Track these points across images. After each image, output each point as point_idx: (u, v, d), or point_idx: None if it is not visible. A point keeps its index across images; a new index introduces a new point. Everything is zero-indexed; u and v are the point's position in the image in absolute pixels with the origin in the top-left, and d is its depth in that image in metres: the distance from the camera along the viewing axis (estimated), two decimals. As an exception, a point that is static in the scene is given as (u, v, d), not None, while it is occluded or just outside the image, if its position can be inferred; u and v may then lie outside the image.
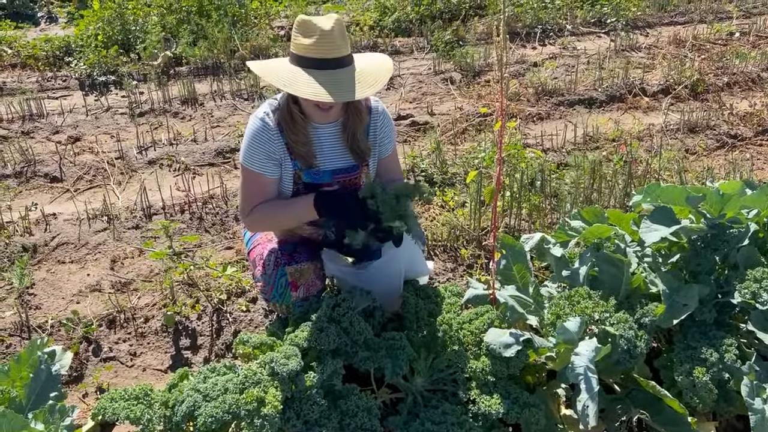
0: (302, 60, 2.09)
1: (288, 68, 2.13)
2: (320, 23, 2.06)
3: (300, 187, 2.31)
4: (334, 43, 2.06)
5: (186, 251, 3.29)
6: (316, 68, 2.07)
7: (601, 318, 2.13)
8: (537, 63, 5.65)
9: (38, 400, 2.05)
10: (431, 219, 3.50)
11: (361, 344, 2.11)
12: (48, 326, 2.83)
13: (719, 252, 2.28)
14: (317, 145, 2.30)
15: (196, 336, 2.79)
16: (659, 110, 4.87)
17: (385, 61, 2.27)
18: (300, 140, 2.24)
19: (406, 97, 5.13)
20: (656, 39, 6.28)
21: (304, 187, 2.31)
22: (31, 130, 4.64)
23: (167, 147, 4.40)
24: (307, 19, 2.08)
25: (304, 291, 2.35)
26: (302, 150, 2.26)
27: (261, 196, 2.28)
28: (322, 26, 2.05)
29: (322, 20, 2.07)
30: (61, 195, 3.92)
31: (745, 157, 4.17)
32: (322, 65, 2.07)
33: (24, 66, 5.82)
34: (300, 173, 2.29)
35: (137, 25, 6.02)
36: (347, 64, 2.11)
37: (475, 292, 2.41)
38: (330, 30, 2.04)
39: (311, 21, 2.07)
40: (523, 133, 4.44)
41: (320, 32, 2.05)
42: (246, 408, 1.86)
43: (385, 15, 6.59)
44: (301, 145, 2.25)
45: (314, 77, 2.06)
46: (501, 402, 2.01)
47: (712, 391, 2.01)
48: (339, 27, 2.07)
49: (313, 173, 2.30)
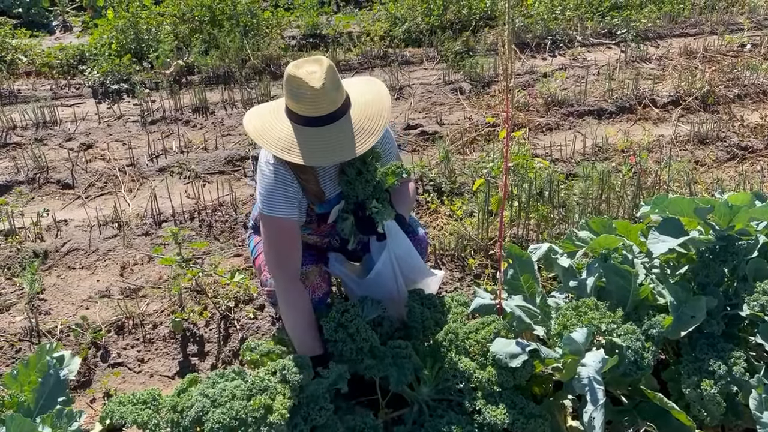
0: (296, 117, 2.05)
1: (283, 129, 2.07)
2: (310, 81, 1.97)
3: (313, 218, 2.36)
4: (327, 99, 2.01)
5: (195, 258, 3.31)
6: (312, 125, 2.03)
7: (608, 329, 2.12)
8: (547, 74, 5.65)
9: (46, 404, 2.07)
10: (439, 228, 3.51)
11: (366, 352, 2.11)
12: (57, 331, 2.85)
13: (728, 264, 2.26)
14: (327, 178, 2.32)
15: (203, 343, 2.80)
16: (669, 121, 4.85)
17: (381, 99, 2.18)
18: (310, 179, 2.25)
19: (416, 107, 5.15)
20: (667, 50, 6.27)
21: (317, 217, 2.35)
22: (45, 137, 4.70)
23: (178, 155, 4.44)
24: (295, 77, 1.99)
25: (309, 293, 2.37)
26: (313, 188, 2.27)
27: (292, 241, 2.21)
28: (313, 84, 1.97)
29: (311, 76, 1.98)
30: (73, 201, 3.96)
31: (755, 169, 4.15)
32: (318, 122, 2.03)
33: (38, 74, 5.89)
34: (312, 205, 2.33)
35: (150, 34, 6.09)
36: (343, 114, 2.06)
37: (481, 302, 2.41)
38: (321, 88, 1.97)
39: (300, 80, 1.98)
40: (533, 144, 4.43)
41: (311, 92, 1.98)
42: (253, 415, 1.87)
43: (395, 25, 6.62)
44: (312, 184, 2.26)
45: (310, 138, 2.02)
46: (507, 412, 2.01)
47: (720, 404, 2.00)
48: (330, 78, 1.99)
49: (324, 204, 2.34)
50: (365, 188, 2.21)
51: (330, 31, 6.56)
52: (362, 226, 2.26)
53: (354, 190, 2.23)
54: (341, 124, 2.06)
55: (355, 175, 2.22)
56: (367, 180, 2.21)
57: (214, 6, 6.27)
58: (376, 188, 2.22)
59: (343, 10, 7.36)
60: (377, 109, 2.14)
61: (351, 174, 2.23)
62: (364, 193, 2.21)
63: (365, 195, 2.22)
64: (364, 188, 2.21)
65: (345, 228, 2.33)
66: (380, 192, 2.23)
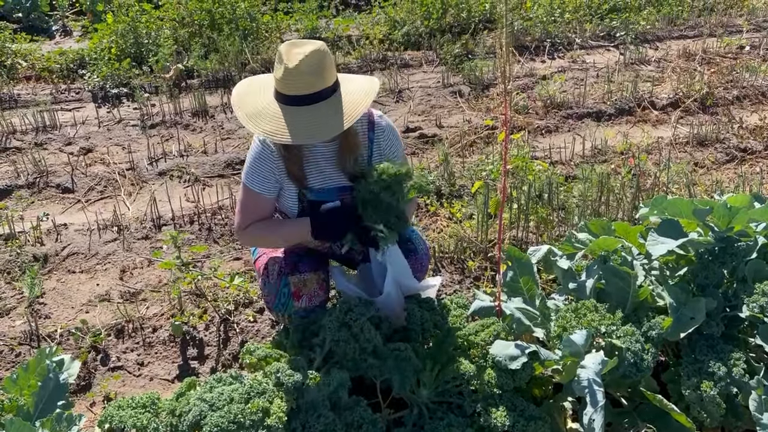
0: (274, 91, 2.08)
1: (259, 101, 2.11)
2: (287, 59, 1.99)
3: (305, 205, 2.32)
4: (302, 81, 2.01)
5: (194, 261, 3.31)
6: (287, 104, 2.05)
7: (607, 331, 2.12)
8: (546, 76, 5.66)
9: (46, 408, 2.07)
10: (438, 231, 3.51)
11: (369, 352, 2.11)
12: (57, 335, 2.86)
13: (727, 265, 2.27)
14: (313, 165, 2.29)
15: (203, 346, 2.80)
16: (668, 123, 4.86)
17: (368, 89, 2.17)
18: (292, 160, 2.25)
19: (415, 110, 5.15)
20: (666, 52, 6.28)
21: (309, 205, 2.30)
22: (44, 141, 4.70)
23: (178, 158, 4.44)
24: (280, 52, 2.03)
25: (307, 301, 2.36)
26: (295, 171, 2.26)
27: (257, 214, 2.31)
28: (286, 62, 1.99)
29: (292, 54, 2.00)
30: (73, 205, 3.96)
31: (755, 170, 4.15)
32: (292, 101, 2.05)
33: (38, 78, 5.90)
34: (304, 192, 2.30)
35: (150, 39, 6.10)
36: (322, 98, 2.05)
37: (481, 304, 2.41)
38: (295, 67, 1.99)
39: (281, 55, 2.01)
40: (532, 146, 4.44)
41: (284, 71, 2.01)
42: (251, 418, 1.86)
43: (394, 29, 6.63)
44: (293, 166, 2.25)
45: (277, 113, 2.05)
46: (507, 415, 2.00)
47: (720, 406, 2.00)
48: (309, 62, 2.00)
49: (317, 191, 2.30)
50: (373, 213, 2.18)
51: (329, 35, 6.58)
52: (363, 241, 2.25)
53: (363, 206, 2.20)
54: (313, 109, 2.05)
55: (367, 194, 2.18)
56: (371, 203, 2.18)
57: (214, 10, 6.28)
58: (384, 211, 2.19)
59: (342, 14, 7.38)
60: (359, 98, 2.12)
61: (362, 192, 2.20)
62: (373, 220, 2.18)
63: (374, 221, 2.18)
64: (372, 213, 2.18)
65: (347, 238, 2.27)
66: (388, 215, 2.19)
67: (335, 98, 2.09)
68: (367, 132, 2.32)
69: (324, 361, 2.16)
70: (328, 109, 2.07)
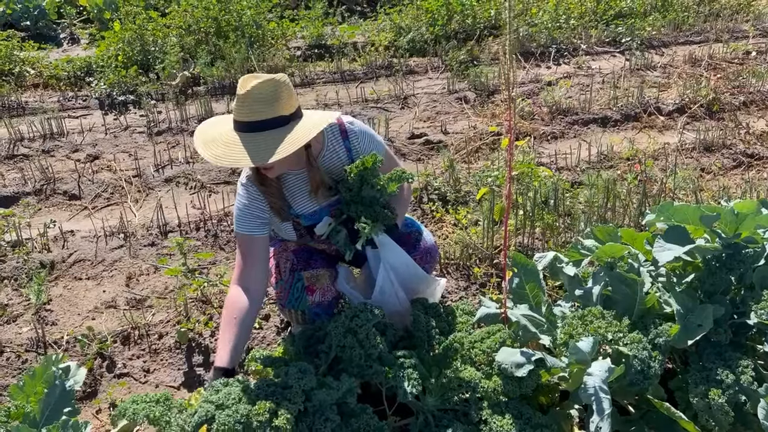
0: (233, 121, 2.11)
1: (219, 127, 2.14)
2: (244, 86, 2.03)
3: (303, 232, 2.38)
4: (250, 107, 2.03)
5: (200, 268, 3.32)
6: (237, 130, 2.08)
7: (614, 338, 2.11)
8: (551, 82, 5.65)
9: (52, 415, 2.07)
10: (444, 237, 3.50)
11: (375, 358, 2.11)
12: (63, 342, 2.86)
13: (734, 272, 2.25)
14: (297, 193, 2.33)
15: (209, 353, 2.80)
16: (674, 129, 4.84)
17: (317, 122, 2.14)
18: (271, 193, 2.27)
19: (421, 116, 5.16)
20: (671, 58, 6.26)
21: (306, 231, 2.37)
22: (52, 148, 4.73)
23: (184, 165, 4.46)
24: (240, 79, 2.07)
25: (320, 296, 2.38)
26: (276, 204, 2.29)
27: (250, 256, 2.29)
28: (240, 90, 2.03)
29: (246, 83, 2.04)
30: (79, 212, 3.98)
31: (762, 176, 4.13)
32: (241, 128, 2.06)
33: (46, 86, 5.94)
34: (299, 219, 2.35)
35: (156, 46, 6.13)
36: (268, 127, 2.04)
37: (487, 311, 2.40)
38: (245, 93, 2.02)
39: (240, 81, 2.05)
40: (537, 152, 4.43)
41: (237, 96, 2.05)
42: (258, 419, 1.86)
43: (400, 35, 6.65)
44: (273, 198, 2.28)
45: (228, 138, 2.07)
46: (513, 422, 1.99)
47: (728, 414, 1.98)
48: (262, 89, 2.01)
49: (310, 216, 2.35)
50: (356, 208, 2.27)
51: (335, 42, 6.60)
52: (354, 239, 2.30)
53: (347, 207, 2.30)
54: (257, 136, 2.04)
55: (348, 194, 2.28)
56: (354, 201, 2.27)
57: (220, 17, 6.31)
58: (367, 205, 2.27)
59: (347, 21, 7.40)
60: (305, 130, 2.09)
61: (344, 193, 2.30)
62: (356, 211, 2.27)
63: (356, 213, 2.27)
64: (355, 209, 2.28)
65: (339, 240, 2.34)
66: (372, 208, 2.26)
67: (284, 129, 2.06)
68: (342, 141, 2.35)
69: (329, 367, 2.16)
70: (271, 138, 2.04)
